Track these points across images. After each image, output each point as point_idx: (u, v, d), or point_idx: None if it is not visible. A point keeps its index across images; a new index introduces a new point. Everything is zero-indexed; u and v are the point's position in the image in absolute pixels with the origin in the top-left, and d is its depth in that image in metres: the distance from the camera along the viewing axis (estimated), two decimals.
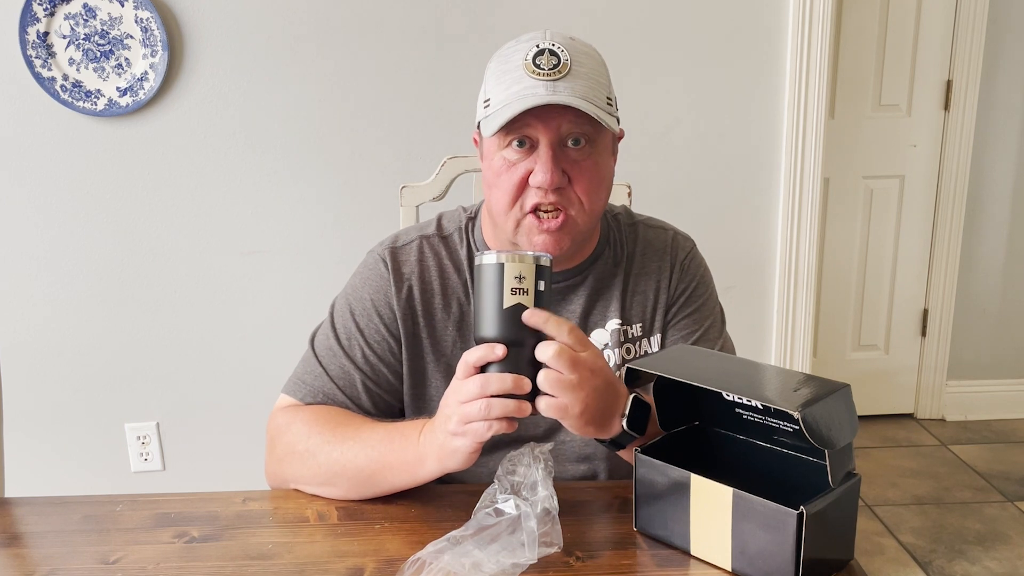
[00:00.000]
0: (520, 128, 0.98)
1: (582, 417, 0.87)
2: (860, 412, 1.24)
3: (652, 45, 2.12)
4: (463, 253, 1.12)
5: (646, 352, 1.14)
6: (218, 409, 2.24)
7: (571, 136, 0.99)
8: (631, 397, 0.93)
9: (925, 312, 2.98)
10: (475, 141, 1.09)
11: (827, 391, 0.79)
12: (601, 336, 1.12)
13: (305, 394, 1.08)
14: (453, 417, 0.86)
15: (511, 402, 0.84)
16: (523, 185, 1.00)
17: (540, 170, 0.98)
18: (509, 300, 0.84)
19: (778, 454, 0.91)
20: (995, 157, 2.85)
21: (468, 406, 0.85)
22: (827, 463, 0.79)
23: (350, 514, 0.97)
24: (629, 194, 1.44)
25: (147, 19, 1.96)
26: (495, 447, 1.12)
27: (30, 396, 2.17)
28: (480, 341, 0.86)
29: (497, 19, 2.06)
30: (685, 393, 0.90)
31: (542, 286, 0.85)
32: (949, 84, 2.77)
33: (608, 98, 1.02)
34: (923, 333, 3.01)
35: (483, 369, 0.86)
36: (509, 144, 0.99)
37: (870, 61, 2.76)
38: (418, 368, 1.10)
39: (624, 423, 0.92)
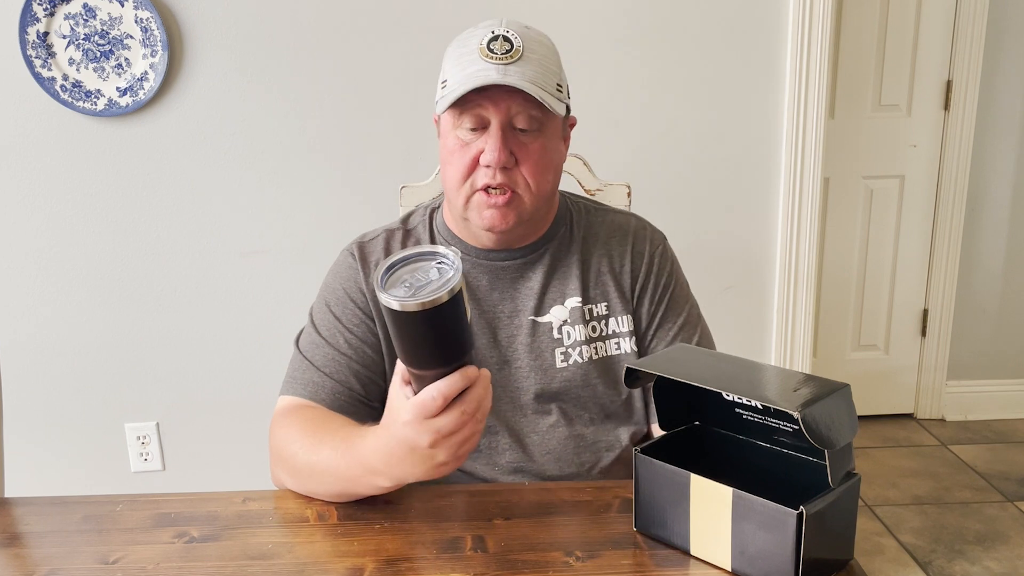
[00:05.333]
0: (472, 108, 1.04)
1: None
2: (860, 412, 1.25)
3: (652, 45, 2.12)
4: (427, 240, 1.18)
5: (614, 331, 1.16)
6: (218, 409, 2.24)
7: (520, 118, 1.04)
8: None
9: (925, 312, 2.98)
10: (436, 122, 1.14)
11: (827, 391, 0.79)
12: (560, 313, 1.15)
13: (296, 389, 1.10)
14: (442, 451, 0.81)
15: (488, 399, 0.81)
16: (474, 164, 1.06)
17: (489, 149, 1.04)
18: (468, 311, 0.76)
19: (778, 454, 0.91)
20: (995, 157, 2.85)
21: (460, 435, 0.80)
22: (827, 463, 0.79)
23: (350, 514, 0.97)
24: (629, 194, 1.44)
25: (147, 19, 1.96)
26: (493, 447, 1.13)
27: (30, 396, 2.17)
28: (445, 370, 0.77)
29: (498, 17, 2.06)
30: (685, 393, 0.90)
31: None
32: (949, 84, 2.77)
33: (559, 85, 1.07)
34: (923, 333, 3.01)
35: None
36: (463, 125, 1.05)
37: (870, 61, 2.76)
38: (393, 349, 1.11)
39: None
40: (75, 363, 2.18)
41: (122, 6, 1.95)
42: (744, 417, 0.91)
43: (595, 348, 1.15)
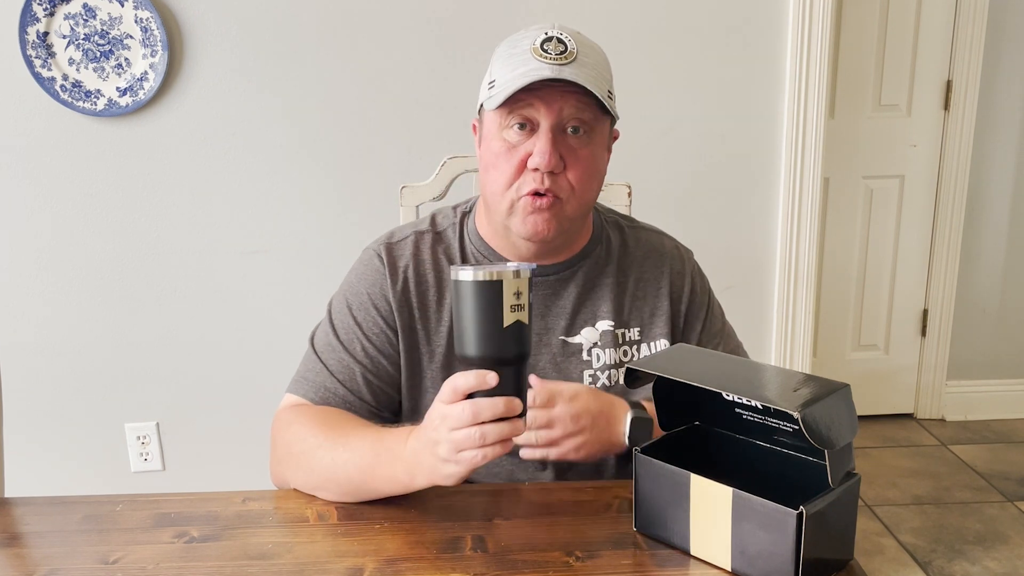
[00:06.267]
0: (522, 108, 1.00)
1: (581, 453, 0.92)
2: (860, 412, 1.25)
3: (652, 45, 2.12)
4: (456, 247, 1.14)
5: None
6: (218, 409, 2.24)
7: (571, 122, 1.01)
8: (629, 416, 0.94)
9: (925, 312, 2.98)
10: (474, 128, 1.11)
11: (827, 391, 0.79)
12: (591, 335, 1.13)
13: (307, 391, 1.09)
14: (443, 443, 0.83)
15: (505, 425, 0.82)
16: (521, 168, 1.02)
17: (539, 152, 1.00)
18: (509, 318, 0.80)
19: (778, 454, 0.91)
20: (995, 157, 2.85)
21: (460, 433, 0.82)
22: (827, 463, 0.79)
23: (350, 514, 0.97)
24: (629, 194, 1.44)
25: (147, 19, 1.96)
26: (516, 464, 1.12)
27: (30, 396, 2.17)
28: (468, 360, 0.83)
29: (498, 18, 2.06)
30: (685, 393, 0.90)
31: (532, 297, 0.83)
32: (949, 84, 2.77)
33: (610, 92, 1.04)
34: (923, 333, 3.01)
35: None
36: (510, 126, 1.02)
37: (870, 61, 2.76)
38: (414, 359, 1.11)
39: (626, 440, 0.93)
40: (75, 363, 2.18)
41: (122, 6, 1.95)
42: (744, 417, 0.91)
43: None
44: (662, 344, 1.14)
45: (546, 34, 1.01)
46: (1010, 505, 2.47)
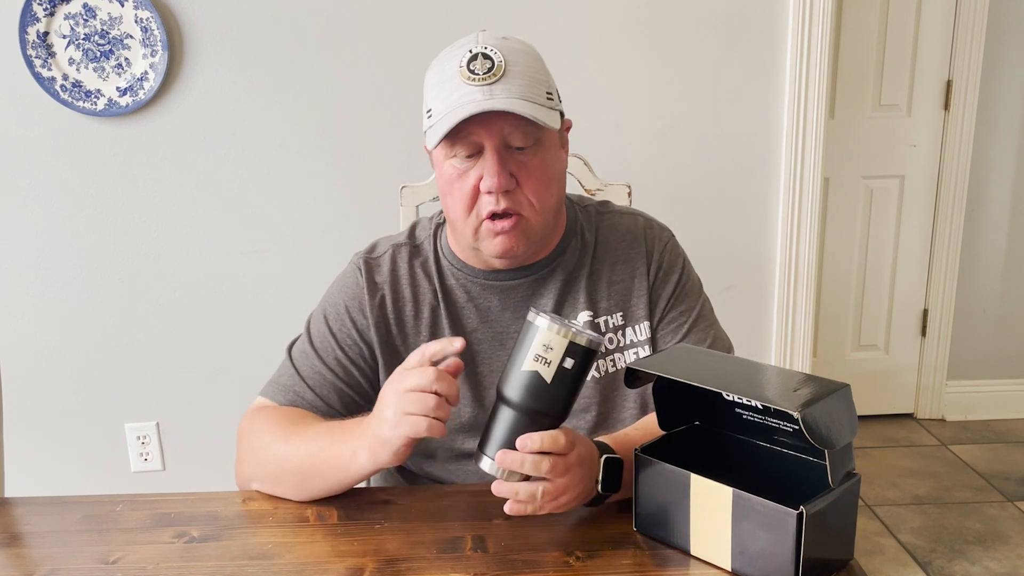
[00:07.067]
0: (464, 136, 0.99)
1: (574, 503, 0.90)
2: (860, 412, 1.25)
3: (652, 45, 2.12)
4: (432, 260, 1.14)
5: (632, 341, 1.13)
6: (218, 409, 2.24)
7: (515, 136, 1.00)
8: (603, 460, 0.92)
9: (925, 312, 2.98)
10: (427, 150, 1.10)
11: (827, 391, 0.79)
12: None
13: (275, 393, 1.10)
14: (392, 405, 0.87)
15: (447, 406, 0.86)
16: (475, 192, 1.02)
17: (487, 175, 0.99)
18: (529, 364, 0.83)
19: (778, 454, 0.91)
20: (995, 157, 2.85)
21: (411, 395, 0.86)
22: (827, 463, 0.79)
23: (350, 514, 0.97)
24: (629, 194, 1.44)
25: (147, 19, 1.96)
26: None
27: (30, 396, 2.17)
28: (497, 393, 0.86)
29: (499, 18, 2.06)
30: (685, 393, 0.90)
31: (569, 364, 0.82)
32: (949, 84, 2.77)
33: (548, 93, 1.02)
34: (923, 333, 3.01)
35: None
36: (456, 154, 1.01)
37: (870, 61, 2.76)
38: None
39: (599, 487, 0.92)
40: (75, 363, 2.18)
41: (122, 6, 1.95)
42: (744, 417, 0.91)
43: (612, 361, 1.12)
44: (644, 326, 1.13)
45: (471, 52, 0.98)
46: (1010, 505, 2.47)
